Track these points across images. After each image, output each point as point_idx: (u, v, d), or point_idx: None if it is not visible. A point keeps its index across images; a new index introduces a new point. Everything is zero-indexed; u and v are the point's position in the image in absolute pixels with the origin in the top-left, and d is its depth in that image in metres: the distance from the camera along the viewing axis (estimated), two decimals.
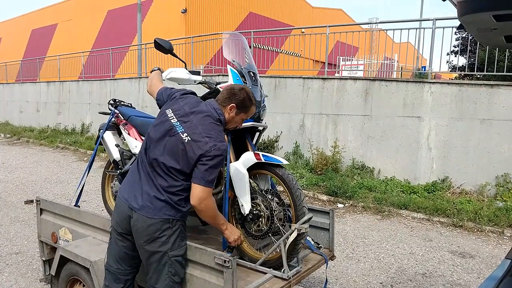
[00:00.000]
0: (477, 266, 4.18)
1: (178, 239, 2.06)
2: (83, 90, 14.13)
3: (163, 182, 2.04)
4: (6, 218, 5.35)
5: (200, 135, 2.01)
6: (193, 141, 2.00)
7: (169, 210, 2.02)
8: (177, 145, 2.03)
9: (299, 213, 2.28)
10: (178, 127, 2.06)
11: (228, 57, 2.67)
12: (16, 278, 3.63)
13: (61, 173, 8.44)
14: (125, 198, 2.10)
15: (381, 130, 7.31)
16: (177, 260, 2.06)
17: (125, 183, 2.19)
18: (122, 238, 2.14)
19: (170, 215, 2.02)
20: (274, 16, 19.98)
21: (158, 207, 2.01)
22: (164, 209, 2.02)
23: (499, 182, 6.17)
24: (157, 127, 2.14)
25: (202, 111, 2.10)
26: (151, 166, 2.08)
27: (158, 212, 2.01)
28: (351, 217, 5.79)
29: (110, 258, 2.20)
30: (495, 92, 6.28)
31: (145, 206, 2.02)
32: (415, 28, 8.07)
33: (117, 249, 2.17)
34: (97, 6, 19.93)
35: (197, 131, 2.02)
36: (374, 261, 4.22)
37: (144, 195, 2.04)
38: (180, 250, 2.07)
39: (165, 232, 2.01)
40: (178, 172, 2.02)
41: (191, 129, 2.04)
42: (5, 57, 23.63)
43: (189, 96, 2.23)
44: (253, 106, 2.22)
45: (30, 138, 13.91)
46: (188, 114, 2.09)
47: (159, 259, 2.03)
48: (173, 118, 2.10)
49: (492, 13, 1.26)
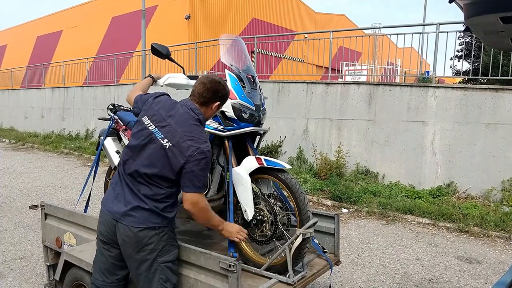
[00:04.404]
0: (484, 271, 4.13)
1: (167, 245, 2.02)
2: (87, 95, 14.21)
3: (147, 191, 1.99)
4: (10, 223, 5.35)
5: (181, 139, 1.95)
6: (175, 147, 1.95)
7: (155, 218, 1.99)
8: (158, 152, 1.97)
9: (303, 217, 2.27)
10: (157, 133, 1.99)
11: (226, 62, 2.64)
12: (20, 283, 3.62)
13: (65, 179, 8.46)
14: (109, 210, 2.05)
15: (385, 134, 7.29)
16: (167, 266, 2.02)
17: (108, 195, 2.12)
18: (108, 247, 2.09)
19: (156, 223, 1.99)
20: (277, 22, 20.05)
21: (144, 216, 1.97)
22: (150, 217, 1.98)
23: (505, 187, 6.12)
24: (135, 136, 2.07)
25: (180, 113, 2.03)
26: (132, 177, 2.03)
27: (143, 221, 1.97)
28: (355, 222, 5.75)
29: (96, 271, 2.15)
30: (500, 97, 6.25)
31: (129, 216, 1.98)
32: (419, 33, 8.08)
33: (103, 260, 2.12)
34: (101, 13, 20.10)
35: (177, 135, 1.96)
36: (380, 266, 4.18)
37: (127, 205, 1.99)
38: (170, 256, 2.04)
39: (152, 239, 1.98)
40: (161, 179, 1.98)
41: (170, 134, 1.97)
42: (11, 64, 23.87)
43: (162, 99, 2.15)
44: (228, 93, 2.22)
45: (34, 144, 13.98)
46: (165, 119, 2.02)
47: (149, 267, 1.99)
48: (150, 125, 2.03)
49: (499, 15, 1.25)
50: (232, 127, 2.46)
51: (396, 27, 8.51)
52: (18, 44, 26.54)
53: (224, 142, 2.51)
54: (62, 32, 22.89)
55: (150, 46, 2.56)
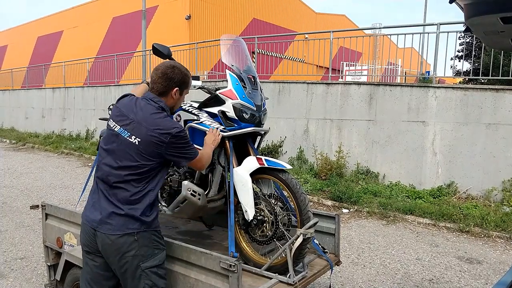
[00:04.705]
0: (484, 272, 4.13)
1: (149, 250, 1.98)
2: (88, 96, 14.23)
3: (122, 194, 1.95)
4: (11, 223, 5.36)
5: (148, 132, 1.93)
6: (144, 141, 1.93)
7: (132, 223, 1.94)
8: (128, 150, 1.95)
9: (304, 217, 2.27)
10: (123, 133, 1.98)
11: (226, 62, 2.64)
12: (21, 283, 3.63)
13: (66, 179, 8.47)
14: (86, 219, 2.02)
15: (386, 135, 7.29)
16: (152, 271, 1.98)
17: (87, 204, 2.09)
18: (92, 257, 2.05)
19: (134, 228, 1.93)
20: (278, 22, 20.06)
21: (120, 223, 1.92)
22: (127, 223, 1.93)
23: (506, 187, 6.12)
24: (105, 141, 2.06)
25: (141, 107, 2.01)
26: (106, 183, 1.99)
27: (120, 227, 1.92)
28: (356, 223, 5.75)
29: (82, 282, 2.11)
30: (501, 97, 6.25)
31: (106, 223, 1.93)
32: (419, 33, 8.08)
33: (88, 270, 2.07)
34: (102, 13, 20.13)
35: (143, 129, 1.94)
36: (380, 266, 4.18)
37: (103, 212, 1.95)
38: (154, 260, 1.99)
39: (132, 246, 1.93)
40: (136, 175, 1.95)
41: (136, 130, 1.95)
42: (11, 64, 23.89)
43: (125, 99, 2.14)
44: (190, 77, 2.16)
45: (35, 144, 14.00)
46: (128, 116, 2.00)
47: (132, 274, 1.95)
48: (116, 126, 2.01)
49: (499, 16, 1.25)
50: (233, 127, 2.47)
51: (397, 27, 8.51)
52: (19, 44, 26.58)
53: (225, 142, 2.52)
54: (63, 32, 22.92)
55: (152, 46, 2.56)
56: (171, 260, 2.19)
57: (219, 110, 2.48)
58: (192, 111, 2.62)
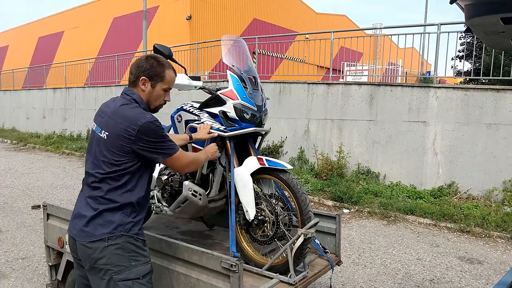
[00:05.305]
0: (485, 272, 4.13)
1: (124, 259, 1.76)
2: (88, 96, 14.25)
3: (98, 193, 1.80)
4: (12, 224, 5.37)
5: (116, 124, 1.80)
6: (111, 134, 1.80)
7: (105, 227, 1.76)
8: (99, 147, 1.84)
9: (305, 217, 2.27)
10: (97, 129, 1.89)
11: (227, 62, 2.65)
12: (22, 283, 3.64)
13: (67, 179, 8.48)
14: (69, 229, 1.91)
15: (387, 135, 7.29)
16: (126, 285, 1.74)
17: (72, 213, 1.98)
18: (77, 265, 1.96)
19: (106, 233, 1.74)
20: (278, 22, 20.08)
21: (93, 228, 1.76)
22: (100, 228, 1.76)
23: (507, 187, 6.11)
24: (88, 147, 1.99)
25: (115, 102, 1.91)
26: (87, 185, 1.88)
27: (94, 232, 1.76)
28: (357, 223, 5.75)
29: None
30: (502, 97, 6.25)
31: (81, 230, 1.80)
32: (420, 33, 8.08)
33: (78, 279, 2.00)
34: (103, 14, 20.16)
35: (111, 122, 1.82)
36: (381, 266, 4.19)
37: (82, 219, 1.81)
38: (131, 273, 1.75)
39: (103, 253, 1.73)
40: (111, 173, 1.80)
41: (106, 124, 1.85)
42: (12, 64, 23.93)
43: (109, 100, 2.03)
44: (167, 70, 1.93)
45: (36, 144, 14.01)
46: (104, 112, 1.90)
47: (106, 286, 1.75)
48: (94, 124, 1.94)
49: (500, 16, 1.26)
50: (234, 127, 2.47)
51: (397, 27, 8.51)
52: (20, 45, 26.63)
53: (225, 142, 2.52)
54: (64, 32, 22.96)
55: (153, 47, 2.57)
56: (172, 260, 2.19)
57: (220, 111, 2.49)
58: (193, 111, 2.63)
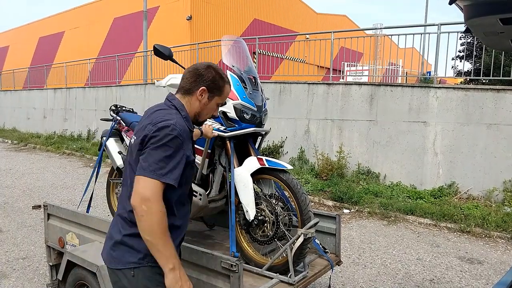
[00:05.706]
0: (485, 272, 4.13)
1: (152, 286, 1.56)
2: (89, 96, 14.25)
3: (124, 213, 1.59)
4: (13, 224, 5.38)
5: (142, 125, 1.60)
6: (137, 138, 1.59)
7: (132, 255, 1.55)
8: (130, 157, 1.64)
9: (305, 217, 2.28)
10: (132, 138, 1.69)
11: (227, 63, 2.66)
12: (23, 283, 3.64)
13: (68, 179, 8.49)
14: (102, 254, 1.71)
15: (387, 135, 7.29)
16: None
17: None
18: None
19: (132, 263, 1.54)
20: (279, 22, 20.06)
21: (120, 254, 1.57)
22: (126, 255, 1.56)
23: (507, 187, 6.11)
24: None
25: (155, 108, 1.70)
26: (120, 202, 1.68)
27: (121, 259, 1.57)
28: (357, 223, 5.75)
29: None
30: (502, 97, 6.25)
31: (108, 254, 1.62)
32: (420, 33, 8.07)
33: None
34: (103, 14, 20.16)
35: (141, 127, 1.60)
36: (381, 267, 4.19)
37: (108, 239, 1.64)
38: None
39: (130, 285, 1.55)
40: None
41: (137, 129, 1.65)
42: (13, 65, 23.94)
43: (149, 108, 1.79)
44: (226, 85, 1.75)
45: (36, 145, 14.03)
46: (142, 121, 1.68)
47: None
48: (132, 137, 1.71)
49: (499, 17, 1.26)
50: (234, 127, 2.48)
51: (398, 27, 8.52)
52: (20, 45, 26.63)
53: (226, 142, 2.53)
54: (64, 33, 22.96)
55: (153, 47, 2.58)
56: None
57: (220, 111, 2.49)
58: None
